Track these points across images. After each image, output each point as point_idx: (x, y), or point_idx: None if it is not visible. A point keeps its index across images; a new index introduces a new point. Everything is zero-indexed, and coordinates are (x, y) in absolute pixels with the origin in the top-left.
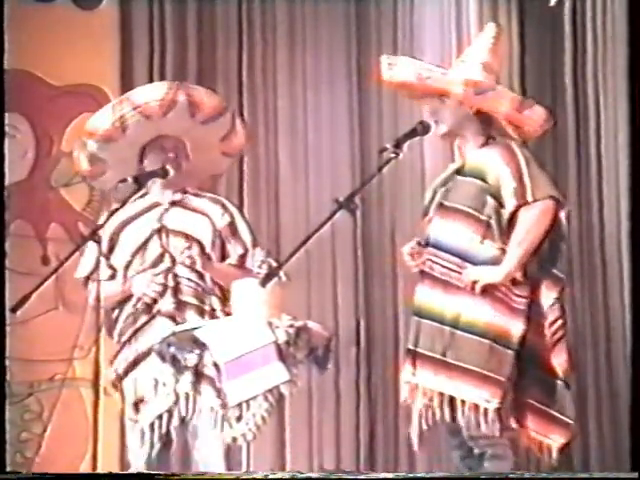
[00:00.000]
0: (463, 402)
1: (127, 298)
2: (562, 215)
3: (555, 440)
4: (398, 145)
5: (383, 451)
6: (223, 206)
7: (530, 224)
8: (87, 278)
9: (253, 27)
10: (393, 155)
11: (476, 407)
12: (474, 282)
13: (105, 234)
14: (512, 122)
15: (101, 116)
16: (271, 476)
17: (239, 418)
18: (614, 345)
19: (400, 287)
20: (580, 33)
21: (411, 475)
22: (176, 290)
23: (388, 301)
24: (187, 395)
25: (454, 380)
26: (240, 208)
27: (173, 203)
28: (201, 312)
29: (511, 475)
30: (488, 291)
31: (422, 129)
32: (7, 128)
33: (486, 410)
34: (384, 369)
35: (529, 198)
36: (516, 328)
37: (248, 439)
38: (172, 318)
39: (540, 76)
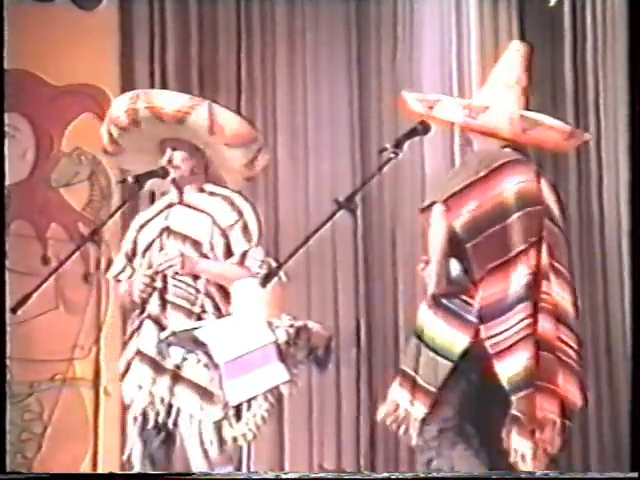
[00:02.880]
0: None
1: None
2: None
3: (519, 445)
4: (398, 145)
5: (383, 451)
6: (232, 203)
7: (429, 234)
8: (115, 278)
9: (252, 26)
10: (393, 155)
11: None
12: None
13: (129, 235)
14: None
15: (118, 102)
16: (283, 476)
17: (239, 418)
18: (614, 345)
19: (400, 287)
20: (580, 33)
21: (411, 475)
22: (163, 292)
23: (388, 301)
24: (162, 399)
25: (406, 392)
26: (253, 204)
27: (180, 202)
28: (189, 314)
29: (522, 475)
30: (441, 303)
31: (422, 129)
32: (7, 128)
33: (415, 419)
34: (384, 369)
35: (422, 206)
36: (461, 341)
37: (248, 439)
38: (156, 321)
39: (540, 76)
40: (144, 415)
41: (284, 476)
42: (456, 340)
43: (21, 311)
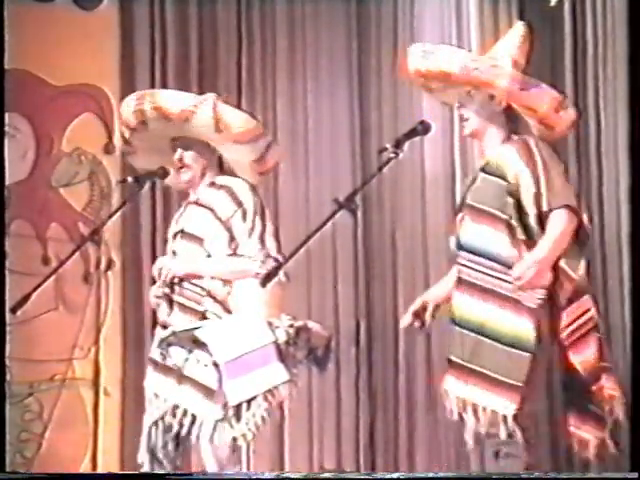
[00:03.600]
0: (484, 409)
1: None
2: (584, 220)
3: (592, 434)
4: (398, 145)
5: (383, 451)
6: (231, 193)
7: (548, 235)
8: None
9: (253, 26)
10: (393, 155)
11: (495, 413)
12: (517, 279)
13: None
14: (545, 122)
15: (127, 104)
16: (283, 476)
17: (239, 418)
18: (614, 345)
19: (400, 287)
20: (580, 33)
21: (411, 475)
22: (170, 296)
23: (388, 301)
24: (174, 404)
25: (477, 387)
26: (254, 190)
27: (191, 202)
28: (195, 314)
29: (523, 475)
30: (505, 296)
31: (422, 129)
32: (7, 128)
33: (505, 417)
34: (384, 369)
35: (544, 207)
36: (531, 331)
37: (248, 439)
38: (164, 326)
39: (540, 76)
40: (158, 421)
41: (284, 476)
42: (531, 331)
43: (21, 311)
